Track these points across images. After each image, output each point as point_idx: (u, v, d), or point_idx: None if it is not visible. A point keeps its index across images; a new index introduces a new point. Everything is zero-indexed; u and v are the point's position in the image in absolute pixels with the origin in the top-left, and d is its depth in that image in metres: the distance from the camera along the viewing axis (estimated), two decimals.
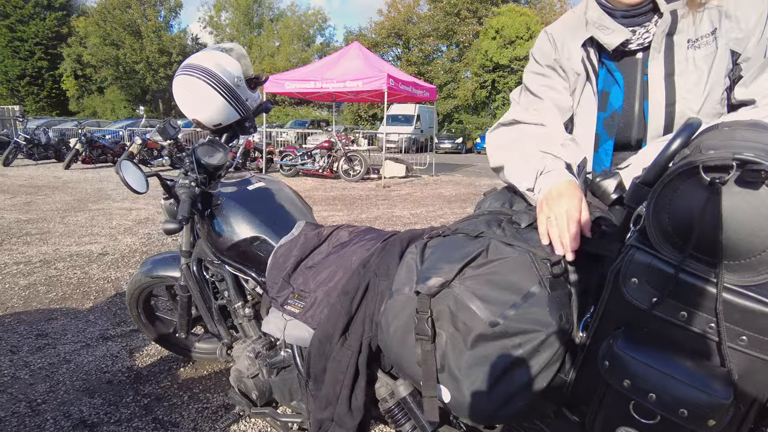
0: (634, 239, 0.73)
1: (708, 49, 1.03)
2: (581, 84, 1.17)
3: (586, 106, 1.17)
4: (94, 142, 12.12)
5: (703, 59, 1.04)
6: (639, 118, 1.13)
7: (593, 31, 1.12)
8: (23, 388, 2.15)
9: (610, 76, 1.16)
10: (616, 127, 1.16)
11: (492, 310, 0.82)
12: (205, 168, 1.68)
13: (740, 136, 0.67)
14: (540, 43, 1.25)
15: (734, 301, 0.64)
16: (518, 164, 1.11)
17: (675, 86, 1.06)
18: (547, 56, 1.21)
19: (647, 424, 0.70)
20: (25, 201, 6.80)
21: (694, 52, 1.04)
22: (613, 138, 1.17)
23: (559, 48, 1.20)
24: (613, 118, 1.16)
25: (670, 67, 1.07)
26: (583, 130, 1.18)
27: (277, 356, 1.49)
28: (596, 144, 1.18)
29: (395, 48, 33.84)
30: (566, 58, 1.18)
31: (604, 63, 1.16)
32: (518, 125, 1.22)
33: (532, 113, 1.21)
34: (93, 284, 3.50)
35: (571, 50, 1.17)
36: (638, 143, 1.15)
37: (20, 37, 33.90)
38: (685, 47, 1.05)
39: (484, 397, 0.84)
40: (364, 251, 1.33)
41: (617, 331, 0.74)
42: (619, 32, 1.09)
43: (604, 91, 1.17)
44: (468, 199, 8.10)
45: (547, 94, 1.21)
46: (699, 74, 1.04)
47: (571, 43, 1.17)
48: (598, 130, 1.17)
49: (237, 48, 1.71)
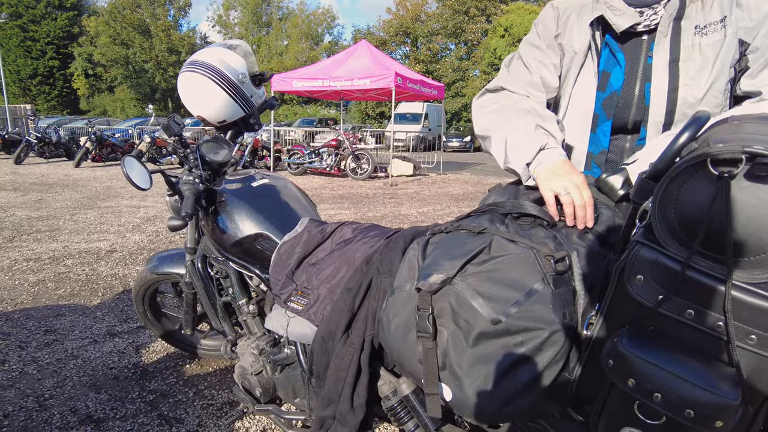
0: (640, 235, 0.71)
1: (715, 37, 1.01)
2: (578, 62, 1.16)
3: (585, 84, 1.16)
4: (103, 140, 12.21)
5: (710, 47, 1.02)
6: (639, 100, 1.12)
7: (603, 10, 1.10)
8: (31, 383, 2.16)
9: (612, 57, 1.15)
10: (614, 107, 1.14)
11: (494, 307, 0.80)
12: (210, 165, 1.68)
13: (750, 129, 0.65)
14: (545, 15, 1.23)
15: (743, 299, 0.62)
16: (516, 137, 1.08)
17: (679, 72, 1.05)
18: (549, 31, 1.20)
19: (652, 425, 0.69)
20: (35, 198, 6.87)
21: (701, 38, 1.03)
22: (611, 119, 1.15)
23: (562, 24, 1.19)
24: (612, 98, 1.14)
25: (676, 53, 1.05)
26: (581, 109, 1.17)
27: (280, 353, 1.48)
28: (594, 124, 1.17)
29: (403, 46, 33.81)
30: (568, 35, 1.17)
31: (607, 43, 1.15)
32: (505, 92, 1.21)
33: (519, 84, 1.21)
34: (101, 281, 3.52)
35: (575, 28, 1.16)
36: (636, 126, 1.14)
37: (32, 37, 34.33)
38: (692, 33, 1.03)
39: (486, 395, 0.83)
40: (368, 248, 1.32)
41: (622, 329, 0.72)
42: (629, 14, 1.07)
43: (604, 72, 1.15)
44: (476, 197, 8.07)
45: (538, 70, 1.21)
46: (704, 61, 1.02)
47: (576, 20, 1.16)
48: (597, 110, 1.16)
49: (242, 45, 1.71)
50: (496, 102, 1.22)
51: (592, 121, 1.17)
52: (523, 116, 1.11)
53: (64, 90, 37.64)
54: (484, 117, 1.21)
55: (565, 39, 1.18)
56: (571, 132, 1.19)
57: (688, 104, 1.05)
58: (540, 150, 1.03)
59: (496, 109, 1.20)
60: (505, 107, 1.18)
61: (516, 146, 1.07)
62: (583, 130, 1.17)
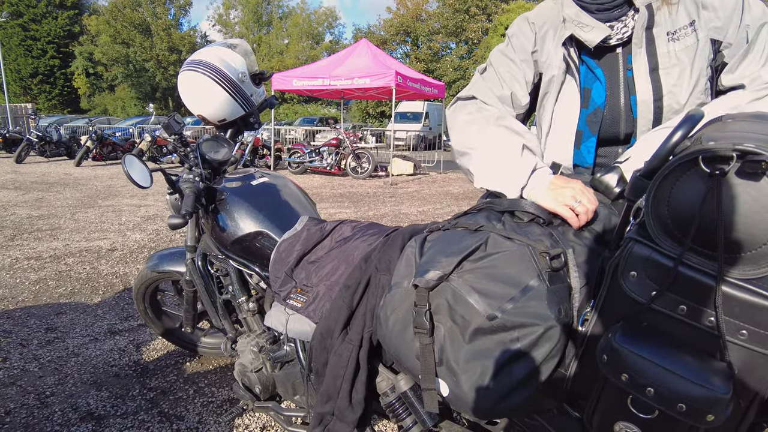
0: (634, 232, 0.72)
1: (687, 41, 1.04)
2: (558, 81, 1.16)
3: (568, 102, 1.16)
4: (104, 139, 12.22)
5: (684, 51, 1.04)
6: (626, 113, 1.13)
7: (572, 29, 1.11)
8: (32, 380, 2.18)
9: (590, 73, 1.15)
10: (599, 123, 1.15)
11: (490, 303, 0.81)
12: (210, 163, 1.69)
13: (742, 128, 0.66)
14: (521, 30, 1.22)
15: (734, 295, 0.63)
16: (503, 160, 1.08)
17: (661, 81, 1.06)
18: (525, 47, 1.20)
19: (645, 419, 0.70)
20: (36, 197, 6.89)
21: (674, 44, 1.05)
22: (596, 135, 1.16)
23: (539, 41, 1.18)
24: (596, 114, 1.15)
25: (654, 61, 1.07)
26: (564, 126, 1.17)
27: (280, 350, 1.50)
28: (578, 140, 1.18)
29: (404, 45, 33.79)
30: (546, 53, 1.17)
31: (583, 60, 1.15)
32: (478, 102, 1.21)
33: (491, 95, 1.21)
34: (102, 279, 3.53)
35: (550, 48, 1.16)
36: (627, 137, 1.15)
37: (33, 36, 34.36)
38: (665, 40, 1.05)
39: (482, 391, 0.84)
40: (366, 246, 1.33)
41: (616, 325, 0.73)
42: (598, 29, 1.08)
43: (585, 88, 1.16)
44: (476, 196, 8.06)
45: (511, 84, 1.21)
46: (682, 67, 1.04)
47: (550, 40, 1.16)
48: (581, 126, 1.17)
49: (242, 44, 1.72)
50: (470, 113, 1.20)
51: (576, 138, 1.17)
52: (505, 135, 1.10)
53: (65, 89, 37.67)
54: (462, 131, 1.19)
55: (543, 57, 1.18)
56: (555, 149, 1.20)
57: (673, 110, 1.07)
58: (532, 172, 1.04)
59: (471, 120, 1.18)
60: (481, 121, 1.16)
61: (505, 170, 1.07)
62: (567, 147, 1.18)
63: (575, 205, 0.95)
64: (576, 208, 0.95)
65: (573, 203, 0.95)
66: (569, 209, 0.96)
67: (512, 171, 1.06)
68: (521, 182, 1.04)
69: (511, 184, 1.06)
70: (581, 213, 0.94)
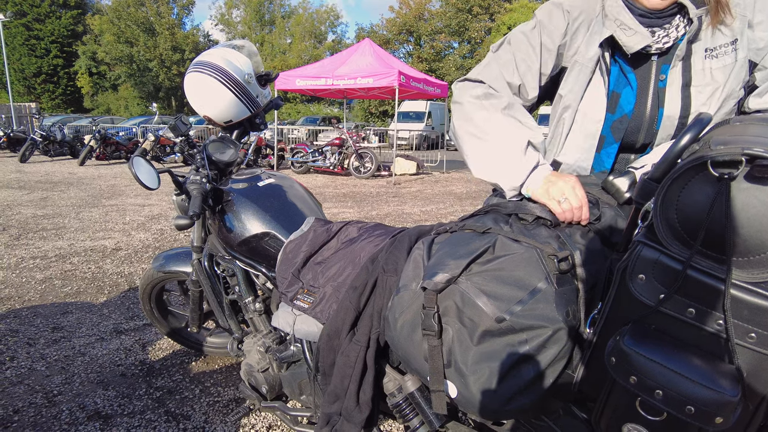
0: (642, 235, 0.72)
1: (726, 60, 1.00)
2: (585, 77, 1.09)
3: (594, 104, 1.09)
4: (107, 138, 12.27)
5: (720, 70, 1.00)
6: (649, 125, 1.08)
7: (614, 29, 1.04)
8: (40, 379, 2.19)
9: (623, 78, 1.09)
10: (623, 131, 1.10)
11: (498, 305, 0.82)
12: (216, 164, 1.70)
13: (751, 131, 0.66)
14: (553, 15, 1.11)
15: (743, 298, 0.63)
16: (506, 155, 1.06)
17: (691, 98, 1.03)
18: (553, 37, 1.10)
19: (653, 421, 0.70)
20: (41, 197, 6.91)
21: (711, 62, 1.00)
22: (618, 142, 1.12)
23: (570, 34, 1.10)
24: (622, 122, 1.10)
25: (687, 77, 1.03)
26: (588, 128, 1.11)
27: (286, 351, 1.50)
28: (600, 145, 1.13)
29: (406, 45, 33.76)
30: (575, 48, 1.10)
31: (616, 60, 1.09)
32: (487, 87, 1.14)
33: (501, 81, 1.14)
34: (107, 279, 3.55)
35: (580, 43, 1.09)
36: (643, 147, 1.13)
37: (36, 35, 34.45)
38: (702, 56, 1.01)
39: (491, 392, 0.84)
40: (373, 247, 1.33)
41: (624, 328, 0.73)
42: (640, 35, 1.01)
43: (614, 92, 1.10)
44: (479, 196, 8.07)
45: (523, 74, 1.13)
46: (714, 87, 1.00)
47: (582, 35, 1.09)
48: (604, 131, 1.11)
49: (248, 45, 1.72)
50: (477, 97, 1.13)
51: (598, 143, 1.12)
52: (512, 127, 1.07)
53: (68, 88, 37.78)
54: (467, 113, 1.13)
55: (571, 51, 1.11)
56: (575, 149, 1.14)
57: None
58: (533, 169, 1.04)
59: (478, 105, 1.12)
60: (489, 107, 1.10)
61: (506, 165, 1.05)
62: (588, 149, 1.12)
63: (561, 201, 0.97)
64: (561, 203, 0.97)
65: (559, 198, 0.98)
66: (557, 203, 0.98)
67: (513, 167, 1.05)
68: (520, 179, 1.04)
69: (509, 179, 1.05)
70: (566, 210, 0.97)
